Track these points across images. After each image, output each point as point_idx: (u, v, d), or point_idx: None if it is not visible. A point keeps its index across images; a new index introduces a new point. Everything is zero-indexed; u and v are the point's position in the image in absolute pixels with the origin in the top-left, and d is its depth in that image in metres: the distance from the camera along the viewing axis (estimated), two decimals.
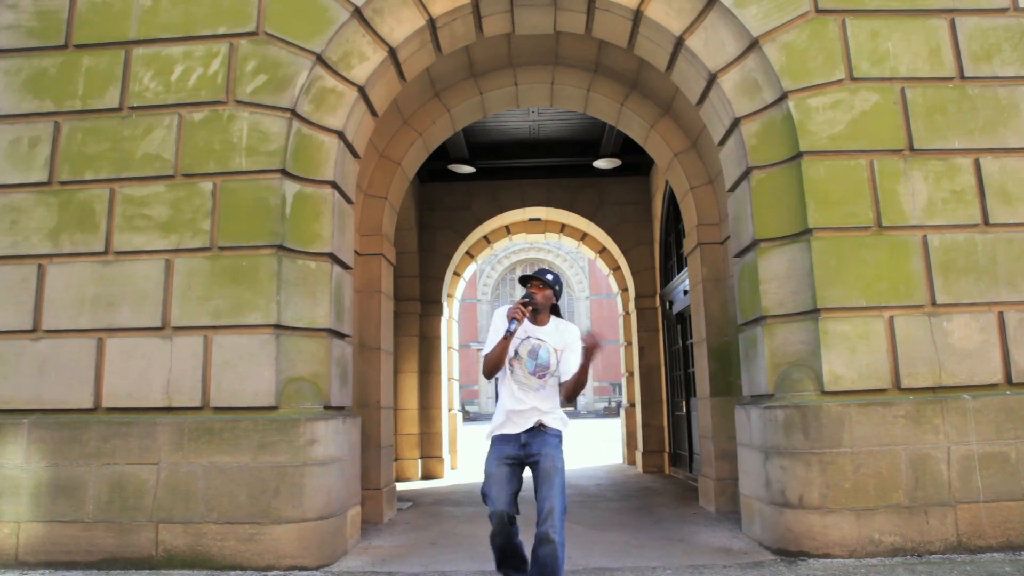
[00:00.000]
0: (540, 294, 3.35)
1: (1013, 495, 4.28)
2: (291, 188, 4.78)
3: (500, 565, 3.42)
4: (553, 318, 3.46)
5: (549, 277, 3.38)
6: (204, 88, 4.86)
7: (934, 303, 4.54)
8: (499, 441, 3.35)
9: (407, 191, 8.75)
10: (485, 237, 11.66)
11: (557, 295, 3.41)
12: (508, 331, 3.18)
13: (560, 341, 3.36)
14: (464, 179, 10.41)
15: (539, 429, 3.30)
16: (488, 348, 3.32)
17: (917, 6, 4.86)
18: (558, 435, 3.34)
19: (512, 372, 3.34)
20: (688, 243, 7.14)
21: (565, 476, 3.26)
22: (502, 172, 10.42)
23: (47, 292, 4.71)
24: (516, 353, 3.34)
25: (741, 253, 5.15)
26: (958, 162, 4.69)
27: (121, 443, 4.44)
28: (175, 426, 4.44)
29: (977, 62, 4.80)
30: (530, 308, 3.28)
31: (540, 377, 3.32)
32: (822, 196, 4.64)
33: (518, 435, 3.30)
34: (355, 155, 5.39)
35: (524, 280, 3.44)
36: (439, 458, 10.24)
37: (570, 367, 3.32)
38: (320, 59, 4.90)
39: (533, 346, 3.34)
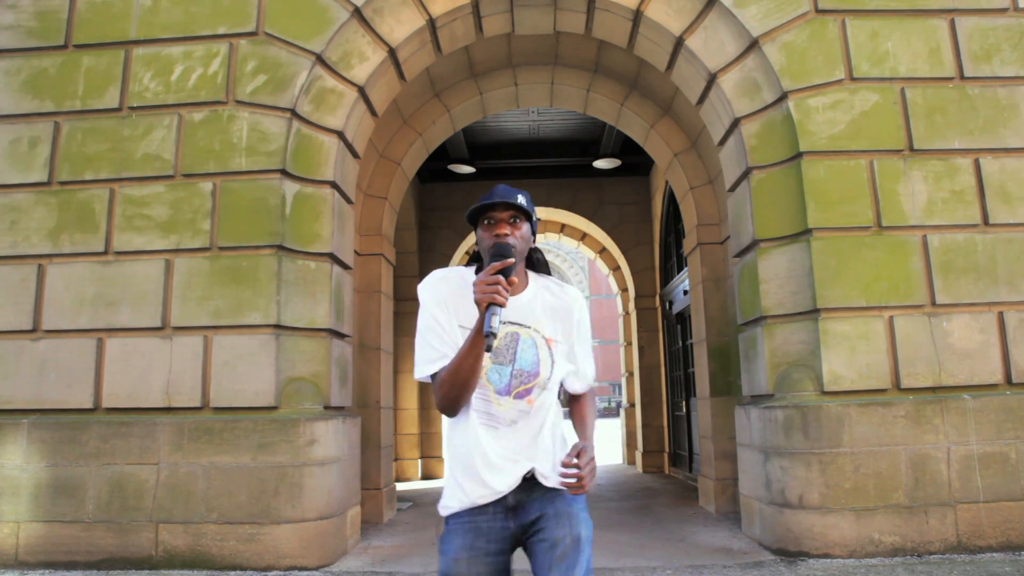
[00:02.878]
0: (515, 233, 1.72)
1: (1013, 495, 4.28)
2: (291, 188, 4.78)
3: None
4: (532, 275, 1.84)
5: (521, 199, 1.75)
6: (204, 88, 4.86)
7: (934, 303, 4.54)
8: (466, 518, 1.74)
9: (407, 191, 8.75)
10: None
11: (534, 230, 1.83)
12: (488, 330, 1.51)
13: (555, 319, 1.80)
14: (464, 179, 10.41)
15: (535, 481, 1.75)
16: (432, 362, 1.73)
17: (917, 6, 4.87)
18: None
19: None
20: (688, 243, 7.14)
21: (590, 556, 1.76)
22: (502, 172, 10.42)
23: (47, 292, 4.71)
24: None
25: (741, 253, 5.15)
26: (958, 162, 4.69)
27: (121, 443, 4.44)
28: (175, 426, 4.44)
29: (977, 62, 4.80)
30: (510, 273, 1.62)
31: (521, 396, 1.74)
32: (822, 196, 4.64)
33: (501, 500, 1.74)
34: (355, 155, 5.39)
35: (479, 213, 1.76)
36: (439, 458, 10.23)
37: (585, 371, 1.86)
38: (320, 59, 4.90)
39: (508, 337, 1.75)
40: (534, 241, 1.84)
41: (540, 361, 1.76)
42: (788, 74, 4.78)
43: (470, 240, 10.98)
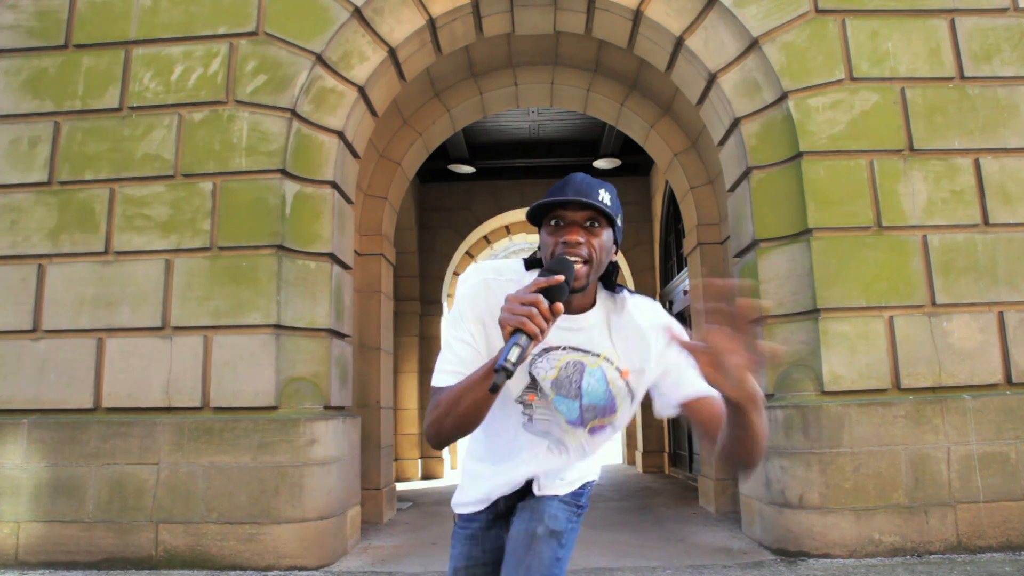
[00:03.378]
0: (592, 241, 1.38)
1: (1013, 495, 4.28)
2: (291, 188, 4.78)
3: None
4: (604, 293, 1.50)
5: (605, 195, 1.40)
6: (204, 88, 4.86)
7: (934, 303, 4.53)
8: (464, 523, 1.66)
9: (407, 191, 8.75)
10: (485, 237, 11.66)
11: (618, 238, 1.46)
12: (502, 364, 1.18)
13: (641, 348, 1.47)
14: (464, 179, 10.40)
15: (531, 490, 1.59)
16: (440, 373, 1.42)
17: (917, 6, 4.86)
18: (578, 494, 1.63)
19: (523, 421, 1.52)
20: (688, 243, 7.14)
21: (566, 561, 1.53)
22: (502, 172, 10.43)
23: (47, 292, 4.71)
24: (533, 385, 1.48)
25: (741, 253, 5.15)
26: (958, 162, 4.69)
27: (121, 443, 4.44)
28: (175, 426, 4.44)
29: (977, 62, 4.80)
30: (559, 300, 1.26)
31: (596, 431, 1.52)
32: (822, 196, 4.64)
33: (492, 506, 1.62)
34: (355, 155, 5.39)
35: (542, 212, 1.42)
36: (439, 458, 10.24)
37: (696, 388, 1.41)
38: (320, 59, 4.90)
39: (569, 367, 1.46)
40: (616, 252, 1.44)
41: (615, 396, 1.46)
42: (788, 74, 4.78)
43: (470, 240, 10.97)
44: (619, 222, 1.43)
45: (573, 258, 1.36)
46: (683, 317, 8.83)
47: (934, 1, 4.87)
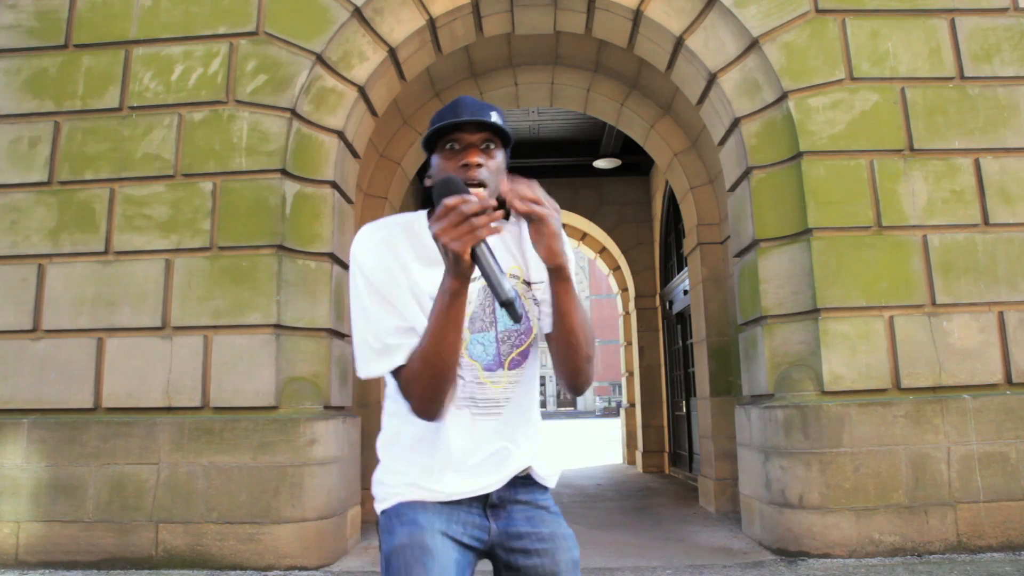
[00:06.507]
0: (488, 163, 1.33)
1: (1013, 495, 4.28)
2: (291, 188, 4.78)
3: None
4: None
5: (496, 116, 1.32)
6: (204, 88, 4.86)
7: (934, 303, 4.54)
8: (431, 511, 1.32)
9: (407, 191, 8.74)
10: None
11: (507, 160, 1.42)
12: (509, 298, 1.06)
13: (535, 258, 1.37)
14: None
15: (526, 481, 1.40)
16: (389, 353, 1.24)
17: (917, 6, 4.87)
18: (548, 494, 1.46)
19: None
20: (688, 243, 7.15)
21: None
22: None
23: (47, 292, 4.71)
24: None
25: (741, 253, 5.15)
26: (958, 162, 4.69)
27: (121, 443, 4.44)
28: (175, 426, 4.44)
29: (977, 62, 4.80)
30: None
31: (517, 364, 1.36)
32: (822, 196, 4.64)
33: (483, 498, 1.36)
34: (355, 155, 5.39)
35: (437, 137, 1.32)
36: None
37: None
38: (320, 59, 4.90)
39: (482, 294, 1.35)
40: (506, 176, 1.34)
41: (528, 313, 1.34)
42: (788, 74, 4.78)
43: None
44: (510, 140, 1.37)
45: (471, 181, 1.27)
46: (683, 317, 8.84)
47: (934, 1, 4.87)
